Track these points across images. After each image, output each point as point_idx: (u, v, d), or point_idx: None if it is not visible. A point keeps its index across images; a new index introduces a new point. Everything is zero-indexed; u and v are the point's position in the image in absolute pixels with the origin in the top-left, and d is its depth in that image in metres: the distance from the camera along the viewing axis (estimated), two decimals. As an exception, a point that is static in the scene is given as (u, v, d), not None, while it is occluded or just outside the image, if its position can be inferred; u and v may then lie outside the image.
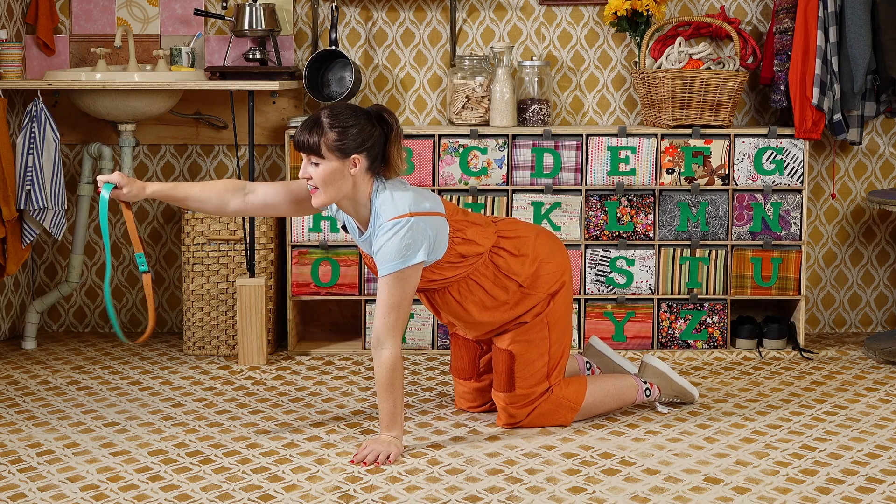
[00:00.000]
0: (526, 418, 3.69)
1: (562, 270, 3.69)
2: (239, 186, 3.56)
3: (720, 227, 4.64)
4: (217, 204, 3.54)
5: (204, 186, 3.54)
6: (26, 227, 4.52)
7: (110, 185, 3.45)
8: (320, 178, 3.39)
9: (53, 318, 5.06)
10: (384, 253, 3.39)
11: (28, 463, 3.39)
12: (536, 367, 3.65)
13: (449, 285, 3.56)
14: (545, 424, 3.72)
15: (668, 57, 4.67)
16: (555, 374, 3.68)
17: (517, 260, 3.60)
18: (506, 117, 4.67)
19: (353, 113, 3.42)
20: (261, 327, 4.48)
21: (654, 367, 3.91)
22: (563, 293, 3.68)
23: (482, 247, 3.55)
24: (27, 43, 4.88)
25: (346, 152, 3.39)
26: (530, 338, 3.64)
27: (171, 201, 3.55)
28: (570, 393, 3.71)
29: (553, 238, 3.74)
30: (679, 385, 3.91)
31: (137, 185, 3.47)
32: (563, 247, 3.77)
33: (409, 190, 3.48)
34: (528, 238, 3.66)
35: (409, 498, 3.12)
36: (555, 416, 3.71)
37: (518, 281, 3.60)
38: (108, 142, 4.91)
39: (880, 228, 5.02)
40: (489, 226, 3.62)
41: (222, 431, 3.68)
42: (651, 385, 3.88)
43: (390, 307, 3.40)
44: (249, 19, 4.73)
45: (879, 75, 4.70)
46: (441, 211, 3.49)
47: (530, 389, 3.65)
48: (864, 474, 3.30)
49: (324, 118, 3.40)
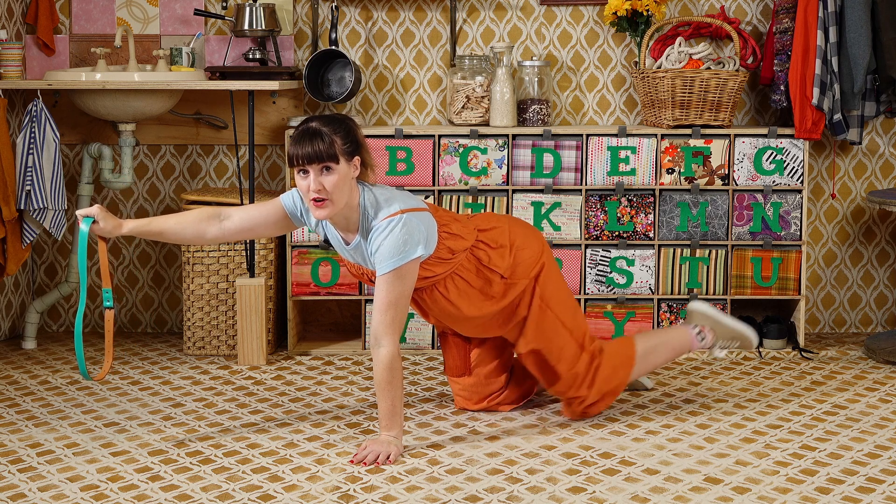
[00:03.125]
0: (592, 392, 3.72)
1: (538, 253, 3.72)
2: (213, 214, 3.57)
3: (720, 227, 4.64)
4: (193, 234, 3.56)
5: (179, 219, 3.55)
6: (26, 227, 4.52)
7: (90, 220, 3.46)
8: (335, 186, 3.36)
9: (53, 318, 5.06)
10: (382, 251, 3.39)
11: (28, 463, 3.39)
12: (566, 349, 3.69)
13: (437, 282, 3.58)
14: (613, 387, 3.75)
15: (668, 57, 4.67)
16: (587, 342, 3.73)
17: (497, 252, 3.64)
18: (506, 117, 4.67)
19: (338, 117, 3.44)
20: (261, 327, 4.48)
21: (700, 312, 3.95)
22: (545, 273, 3.71)
23: (467, 241, 3.58)
24: (27, 43, 4.88)
25: (352, 154, 3.41)
26: (542, 329, 3.67)
27: (148, 237, 3.57)
28: (620, 348, 3.77)
29: (524, 224, 3.79)
30: (731, 326, 3.94)
31: (113, 222, 3.48)
32: (537, 230, 3.82)
33: (393, 191, 3.51)
34: (503, 228, 3.70)
35: (409, 498, 3.12)
36: (616, 375, 3.75)
37: (500, 272, 3.63)
38: (108, 142, 4.91)
39: (880, 228, 5.02)
40: (467, 221, 3.67)
41: (222, 431, 3.68)
42: (703, 329, 3.91)
43: (388, 305, 3.41)
44: (249, 19, 4.73)
45: (879, 75, 4.70)
46: (426, 207, 3.54)
47: (574, 370, 3.69)
48: (864, 474, 3.30)
49: (320, 126, 3.37)
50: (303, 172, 3.38)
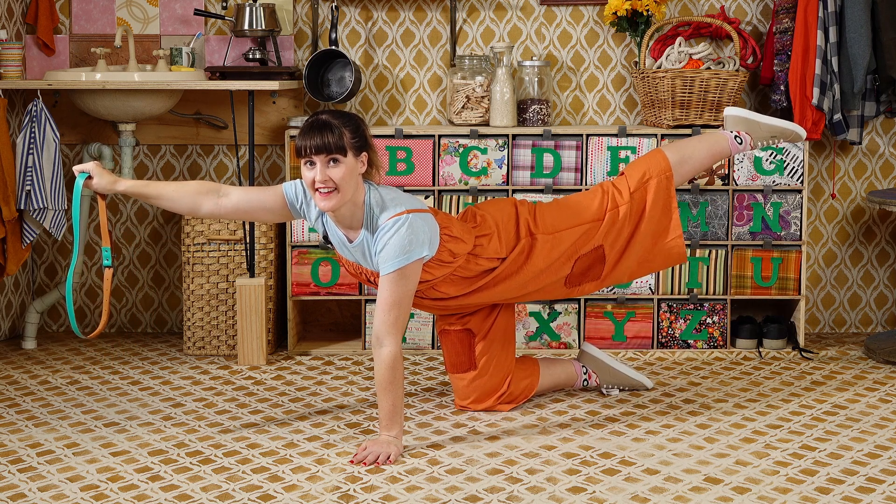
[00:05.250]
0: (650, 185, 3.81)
1: (514, 215, 3.74)
2: (213, 189, 3.55)
3: (720, 227, 4.64)
4: (189, 205, 3.53)
5: (177, 186, 3.54)
6: (26, 227, 4.52)
7: (84, 175, 3.49)
8: (342, 178, 3.37)
9: (53, 318, 5.06)
10: (387, 251, 3.40)
11: (28, 463, 3.39)
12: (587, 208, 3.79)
13: (435, 283, 3.59)
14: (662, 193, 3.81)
15: (668, 57, 4.67)
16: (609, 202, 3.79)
17: (489, 239, 3.66)
18: (506, 117, 4.67)
19: (347, 113, 3.46)
20: (261, 327, 4.48)
21: (734, 116, 3.95)
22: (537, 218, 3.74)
23: (467, 244, 3.60)
24: (27, 43, 4.88)
25: (360, 149, 3.42)
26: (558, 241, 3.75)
27: (143, 199, 3.55)
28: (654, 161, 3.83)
29: (492, 202, 3.80)
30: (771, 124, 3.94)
31: (108, 178, 3.48)
32: (504, 199, 3.82)
33: (398, 192, 3.52)
34: (486, 217, 3.71)
35: (409, 498, 3.12)
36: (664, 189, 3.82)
37: (500, 257, 3.66)
38: (108, 142, 4.91)
39: (880, 228, 5.03)
40: (463, 223, 3.68)
41: (222, 431, 3.68)
42: (739, 133, 3.92)
43: (391, 304, 3.41)
44: (249, 19, 4.73)
45: (879, 75, 4.70)
46: (429, 210, 3.55)
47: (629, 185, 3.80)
48: (864, 474, 3.30)
49: (330, 119, 3.39)
50: (310, 164, 3.39)
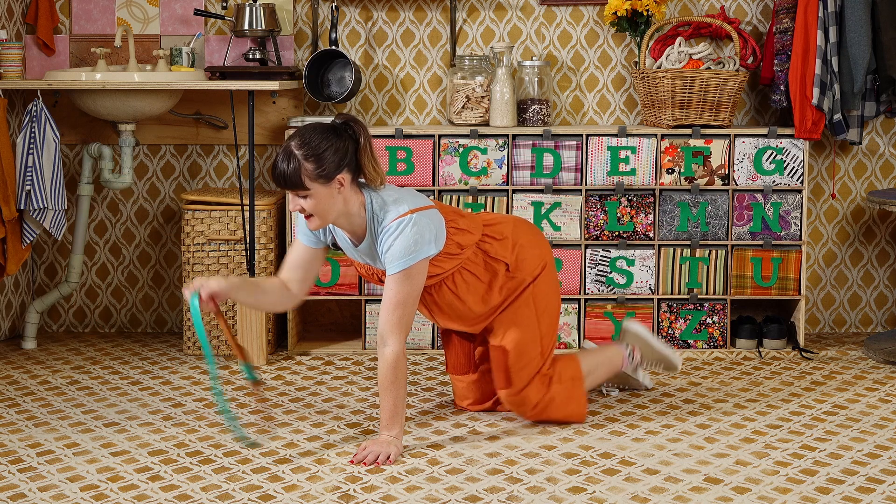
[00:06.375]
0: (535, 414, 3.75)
1: (542, 255, 3.75)
2: (282, 286, 3.60)
3: (720, 227, 4.64)
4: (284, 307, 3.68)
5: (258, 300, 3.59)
6: (26, 227, 4.51)
7: (196, 294, 3.36)
8: (313, 207, 3.39)
9: (53, 318, 5.06)
10: (393, 252, 3.41)
11: (28, 463, 3.39)
12: (529, 349, 3.69)
13: (445, 278, 3.58)
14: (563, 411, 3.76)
15: (668, 57, 4.67)
16: (548, 361, 3.73)
17: (501, 244, 3.67)
18: (506, 117, 4.67)
19: (322, 134, 3.37)
20: (261, 327, 4.48)
21: (633, 332, 4.05)
22: (545, 275, 3.73)
23: (474, 235, 3.60)
24: (27, 43, 4.88)
25: (329, 177, 3.36)
26: (517, 316, 3.68)
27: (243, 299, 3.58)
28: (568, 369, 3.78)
29: (531, 227, 3.81)
30: (659, 350, 4.04)
31: (216, 280, 3.41)
32: (542, 235, 3.84)
33: (400, 190, 3.51)
34: (507, 224, 3.73)
35: (409, 498, 3.12)
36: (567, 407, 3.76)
37: (505, 262, 3.66)
38: (108, 142, 4.91)
39: (880, 228, 5.02)
40: (473, 216, 3.69)
41: (222, 431, 3.68)
42: (633, 348, 4.02)
43: (396, 304, 3.41)
44: (249, 19, 4.73)
45: (879, 75, 4.70)
46: (433, 205, 3.55)
47: (524, 393, 3.70)
48: (864, 474, 3.30)
49: (295, 150, 3.34)
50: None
